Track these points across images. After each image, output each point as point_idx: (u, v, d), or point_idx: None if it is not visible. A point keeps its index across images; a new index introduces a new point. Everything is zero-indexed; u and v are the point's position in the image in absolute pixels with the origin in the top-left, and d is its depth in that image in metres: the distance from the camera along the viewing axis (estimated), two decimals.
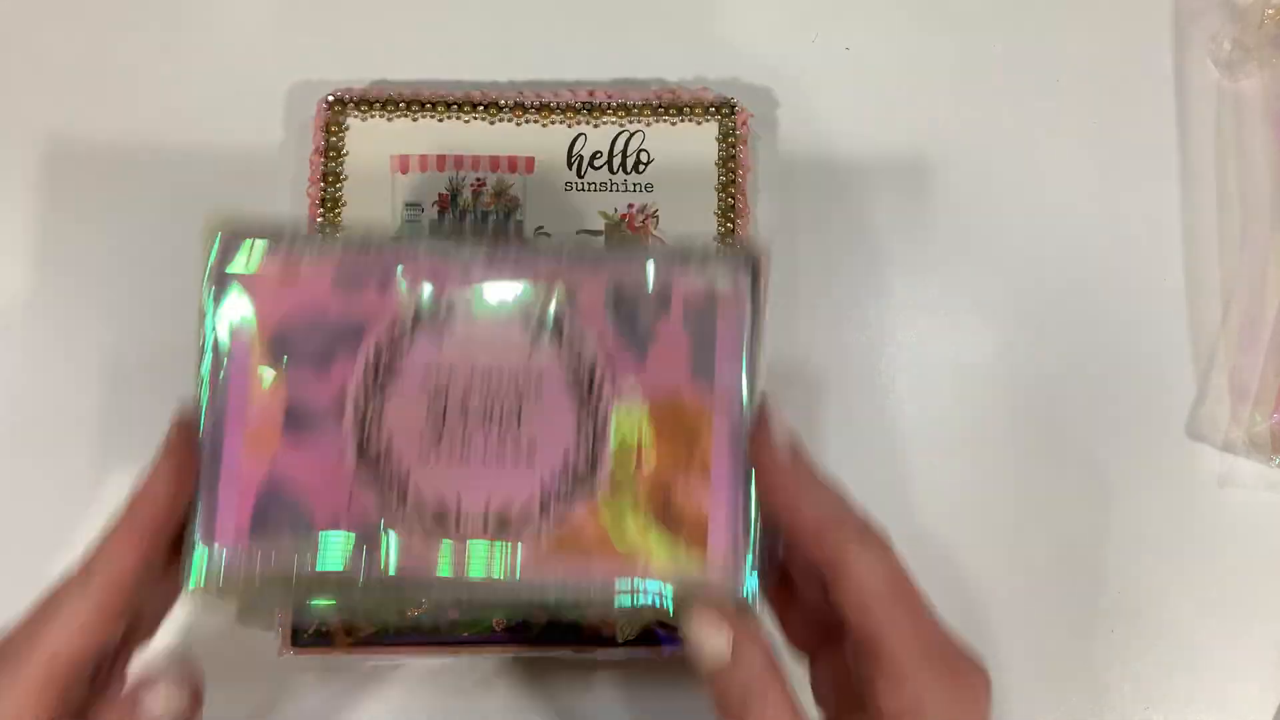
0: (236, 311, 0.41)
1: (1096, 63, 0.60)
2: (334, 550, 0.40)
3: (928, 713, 0.36)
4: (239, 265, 0.41)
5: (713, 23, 0.60)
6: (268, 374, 0.41)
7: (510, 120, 0.57)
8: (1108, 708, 0.54)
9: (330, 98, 0.56)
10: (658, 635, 0.52)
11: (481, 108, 0.56)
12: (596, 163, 0.56)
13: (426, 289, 0.41)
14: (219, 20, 0.60)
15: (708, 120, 0.57)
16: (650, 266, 0.42)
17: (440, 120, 0.56)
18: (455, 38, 0.60)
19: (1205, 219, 0.59)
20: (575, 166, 0.56)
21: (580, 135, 0.57)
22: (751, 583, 0.40)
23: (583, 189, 0.56)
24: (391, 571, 0.40)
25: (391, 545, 0.40)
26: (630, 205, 0.56)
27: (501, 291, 0.41)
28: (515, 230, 0.56)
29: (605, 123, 0.57)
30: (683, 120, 0.57)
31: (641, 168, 0.56)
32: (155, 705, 0.39)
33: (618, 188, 0.56)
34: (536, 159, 0.56)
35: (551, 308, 0.41)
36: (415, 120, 0.56)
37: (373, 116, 0.56)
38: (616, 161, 0.56)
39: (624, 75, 0.59)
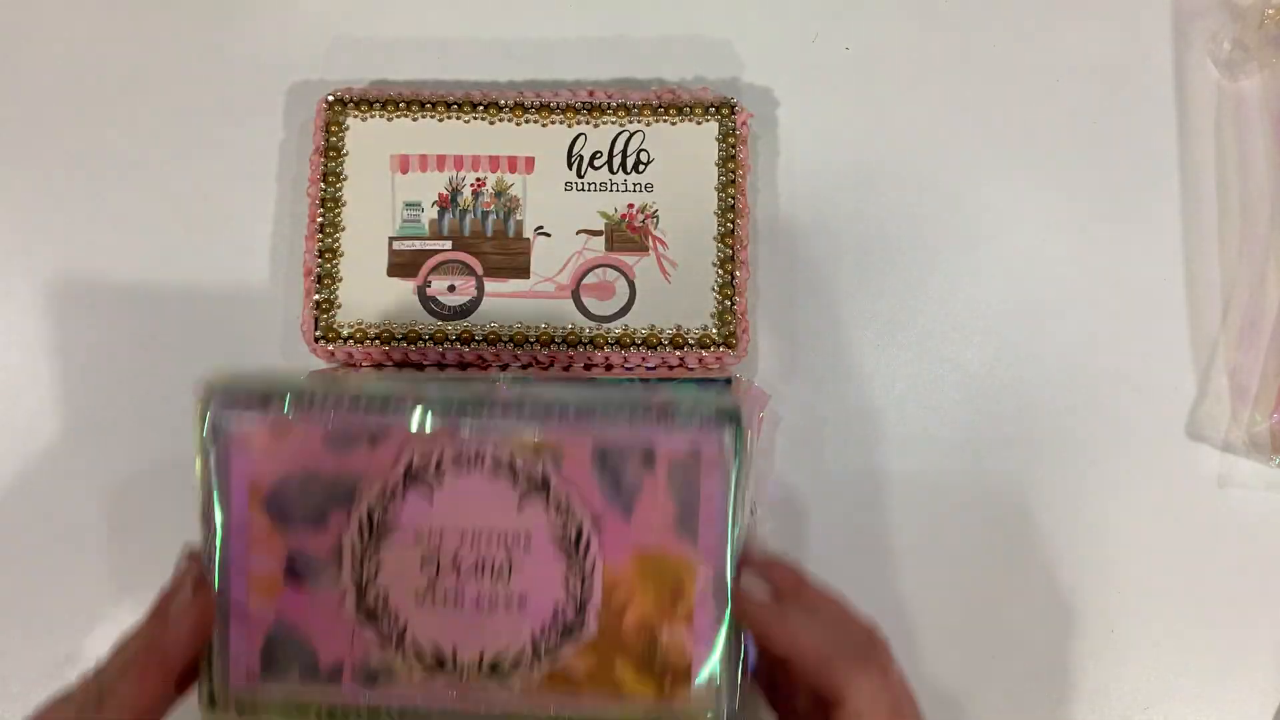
0: (232, 473, 0.43)
1: (1096, 63, 0.60)
2: (338, 686, 0.43)
3: None
4: (231, 427, 0.43)
5: (713, 23, 0.60)
6: (266, 528, 0.43)
7: (510, 120, 0.57)
8: (1108, 708, 0.54)
9: (330, 98, 0.56)
10: None
11: (481, 108, 0.56)
12: (596, 162, 0.56)
13: (415, 449, 0.43)
14: (219, 19, 0.60)
15: (708, 120, 0.57)
16: (635, 426, 0.44)
17: (440, 120, 0.56)
18: (455, 37, 0.60)
19: (1205, 219, 0.59)
20: (575, 166, 0.56)
21: (580, 135, 0.56)
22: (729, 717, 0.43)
23: (583, 189, 0.56)
24: (395, 702, 0.43)
25: (393, 681, 0.43)
26: (630, 205, 0.56)
27: (489, 451, 0.43)
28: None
29: (605, 123, 0.57)
30: (683, 120, 0.57)
31: (641, 167, 0.56)
32: None
33: (618, 187, 0.56)
34: (536, 159, 0.56)
35: (539, 468, 0.43)
36: (415, 120, 0.56)
37: (373, 116, 0.56)
38: (616, 161, 0.56)
39: (624, 75, 0.59)
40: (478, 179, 0.56)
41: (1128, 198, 0.59)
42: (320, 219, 0.55)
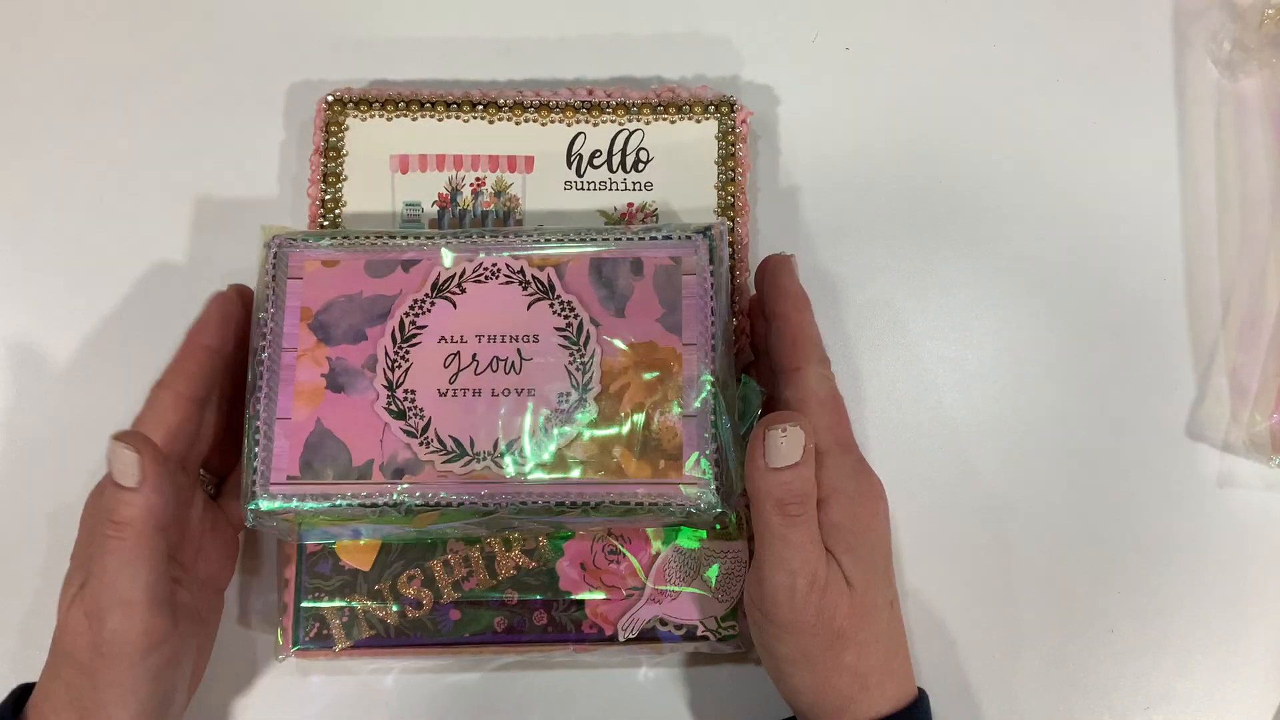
0: (286, 298, 0.49)
1: (1096, 63, 0.60)
2: (368, 481, 0.48)
3: (844, 489, 0.47)
4: (288, 260, 0.50)
5: (713, 20, 0.60)
6: (312, 344, 0.49)
7: (509, 119, 0.56)
8: (1107, 708, 0.54)
9: (330, 98, 0.56)
10: (658, 634, 0.52)
11: (481, 107, 0.56)
12: (596, 161, 0.56)
13: (443, 268, 0.50)
14: (219, 19, 0.60)
15: (707, 118, 0.56)
16: (626, 244, 0.50)
17: (440, 120, 0.56)
18: (454, 37, 0.60)
19: (1205, 219, 0.59)
20: (575, 165, 0.56)
21: (580, 134, 0.56)
22: (715, 496, 0.48)
23: (582, 188, 0.56)
24: (418, 494, 0.48)
25: (418, 473, 0.48)
26: (630, 204, 0.56)
27: (504, 265, 0.50)
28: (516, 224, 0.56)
29: (605, 121, 0.56)
30: (682, 118, 0.56)
31: (641, 166, 0.56)
32: None
33: (617, 186, 0.56)
34: (536, 158, 0.56)
35: (545, 276, 0.50)
36: (415, 120, 0.56)
37: (372, 116, 0.56)
38: (616, 160, 0.56)
39: (623, 73, 0.59)
40: (477, 178, 0.56)
41: (1127, 197, 0.59)
42: (321, 220, 0.55)
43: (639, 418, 0.48)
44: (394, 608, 0.52)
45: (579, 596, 0.52)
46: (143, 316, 0.57)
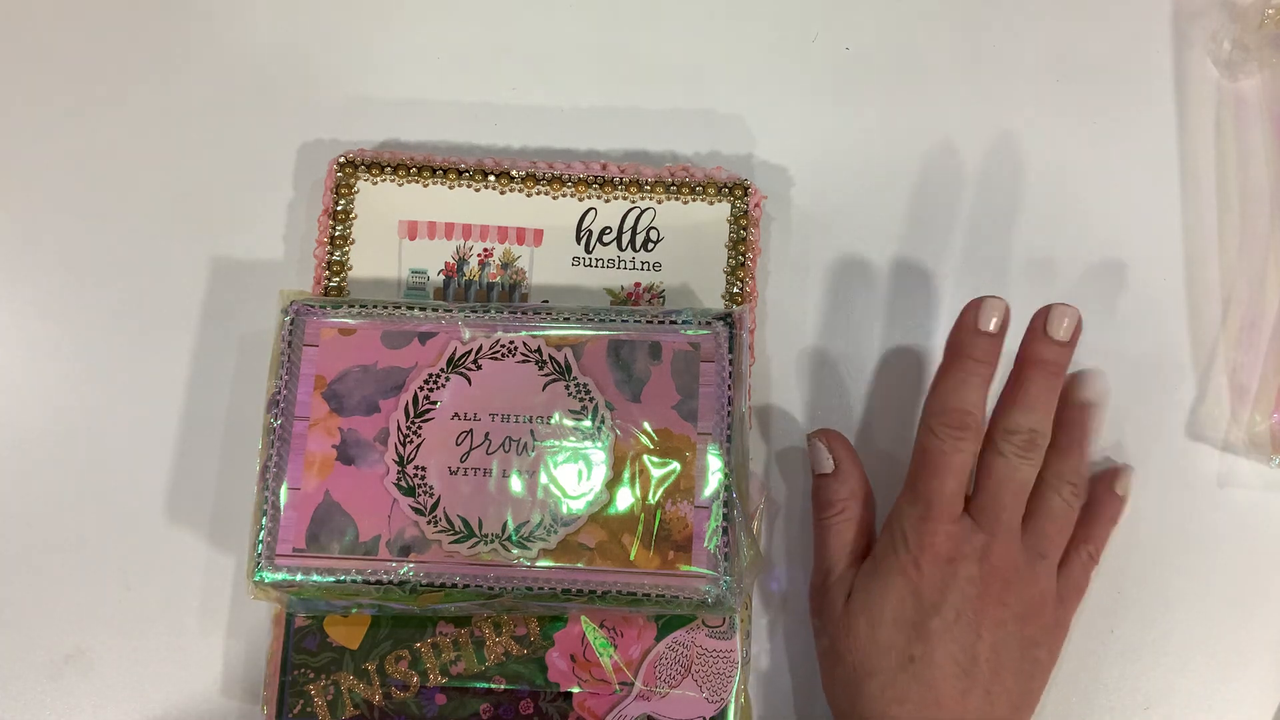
0: (301, 365, 0.49)
1: (1096, 62, 0.60)
2: (374, 558, 0.48)
3: None
4: (305, 327, 0.50)
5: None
6: (325, 413, 0.49)
7: (521, 191, 0.55)
8: (1107, 708, 0.55)
9: (342, 159, 0.55)
10: None
11: (493, 177, 0.55)
12: (605, 238, 0.55)
13: (459, 343, 0.50)
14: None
15: (720, 200, 0.55)
16: (645, 326, 0.50)
17: (451, 188, 0.55)
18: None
19: (1205, 219, 0.59)
20: (584, 242, 0.55)
21: (590, 210, 0.55)
22: (723, 590, 0.47)
23: (590, 265, 0.55)
24: (424, 574, 0.47)
25: (425, 552, 0.48)
26: (637, 284, 0.55)
27: (520, 343, 0.50)
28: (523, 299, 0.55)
29: (616, 198, 0.55)
30: (695, 199, 0.55)
31: (650, 245, 0.55)
32: None
33: (625, 265, 0.55)
34: (545, 231, 0.55)
35: (562, 357, 0.49)
36: (426, 186, 0.55)
37: (384, 180, 0.55)
38: (626, 238, 0.55)
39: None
40: (485, 249, 0.55)
41: (1127, 197, 0.59)
42: (326, 282, 0.55)
43: (650, 506, 0.48)
44: (380, 688, 0.51)
45: (568, 690, 0.52)
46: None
